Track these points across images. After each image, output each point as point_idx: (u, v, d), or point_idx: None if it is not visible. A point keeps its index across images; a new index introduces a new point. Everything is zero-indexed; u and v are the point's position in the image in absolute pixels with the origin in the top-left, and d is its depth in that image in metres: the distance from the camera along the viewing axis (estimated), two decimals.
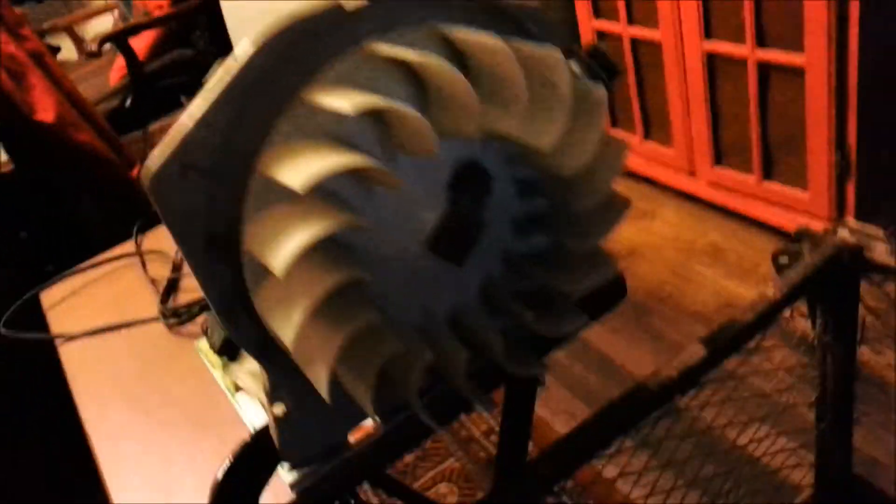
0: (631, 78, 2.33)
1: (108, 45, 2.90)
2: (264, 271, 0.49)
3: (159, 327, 0.96)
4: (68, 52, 3.67)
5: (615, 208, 0.60)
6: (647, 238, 2.39)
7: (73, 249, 1.31)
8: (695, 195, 2.33)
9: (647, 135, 2.43)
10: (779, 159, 1.95)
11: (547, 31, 0.59)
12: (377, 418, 0.54)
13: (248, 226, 0.50)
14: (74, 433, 0.83)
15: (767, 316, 0.66)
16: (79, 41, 3.80)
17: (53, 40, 3.63)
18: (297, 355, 0.54)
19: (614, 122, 2.56)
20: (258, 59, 0.48)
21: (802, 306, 0.80)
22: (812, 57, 1.66)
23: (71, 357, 0.96)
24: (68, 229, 2.04)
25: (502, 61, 0.49)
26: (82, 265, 1.18)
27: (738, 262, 2.14)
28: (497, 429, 1.79)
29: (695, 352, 0.66)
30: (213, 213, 0.51)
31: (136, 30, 2.97)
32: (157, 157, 0.48)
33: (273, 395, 0.61)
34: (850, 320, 0.81)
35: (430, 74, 0.50)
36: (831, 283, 0.71)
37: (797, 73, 1.73)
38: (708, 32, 1.94)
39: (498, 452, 0.87)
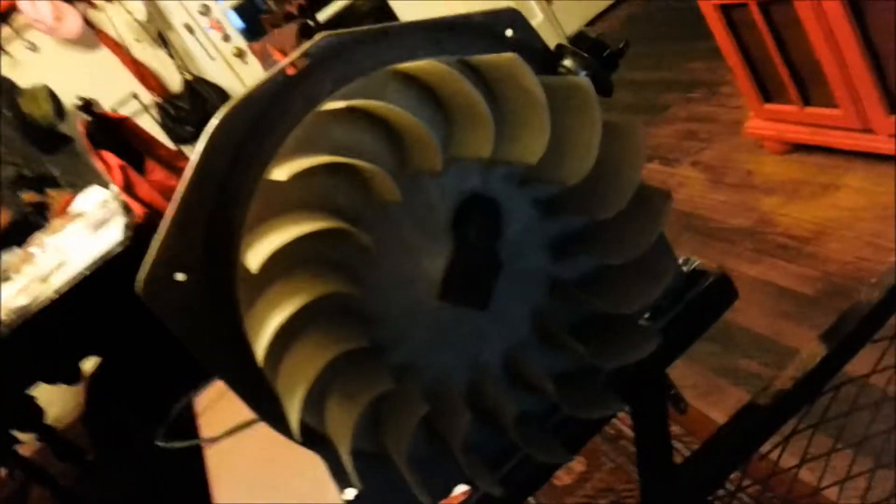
0: (770, 44, 2.10)
1: None
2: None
3: None
4: None
5: (653, 203, 0.51)
6: (835, 213, 2.11)
7: None
8: (878, 153, 2.02)
9: (807, 101, 2.16)
10: None
11: (529, 31, 0.53)
12: (419, 488, 0.49)
13: (245, 318, 0.49)
14: None
15: None
16: None
17: None
18: (331, 437, 0.51)
19: (767, 98, 2.31)
20: (218, 145, 0.47)
21: None
22: None
23: (213, 456, 1.01)
24: None
25: (451, 81, 0.44)
26: None
27: None
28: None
29: (814, 353, 0.53)
30: (216, 311, 0.50)
31: None
32: (146, 262, 0.48)
33: (339, 480, 0.59)
34: None
35: (387, 117, 0.46)
36: None
37: None
38: None
39: (639, 466, 0.75)
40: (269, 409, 0.53)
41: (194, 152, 0.47)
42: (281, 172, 0.43)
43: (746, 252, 2.16)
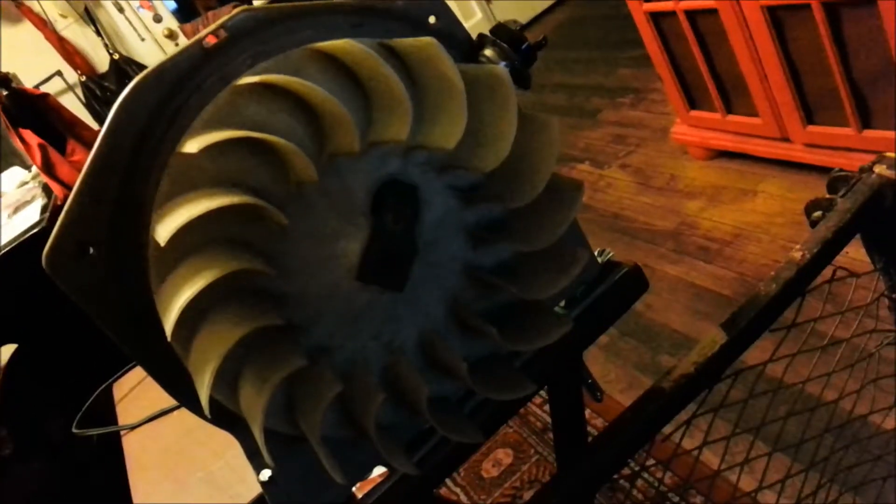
0: (697, 53, 2.17)
1: None
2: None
3: None
4: None
5: (566, 194, 0.53)
6: (752, 218, 2.20)
7: None
8: (794, 161, 2.13)
9: (729, 109, 2.25)
10: (873, 103, 1.74)
11: (451, 19, 0.53)
12: (333, 469, 0.49)
13: (155, 295, 0.48)
14: None
15: (798, 282, 0.56)
16: None
17: None
18: (244, 415, 0.51)
19: (693, 105, 2.40)
20: (128, 117, 0.46)
21: None
22: None
23: (131, 443, 0.98)
24: None
25: (368, 62, 0.45)
26: None
27: None
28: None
29: (715, 340, 0.56)
30: (126, 289, 0.49)
31: None
32: (52, 236, 0.47)
33: (254, 462, 0.58)
34: None
35: (303, 95, 0.46)
36: (875, 225, 0.59)
37: (869, 3, 1.54)
38: None
39: (556, 445, 0.77)
40: (181, 389, 0.52)
41: (105, 121, 0.46)
42: (192, 145, 0.43)
43: (668, 253, 2.24)
